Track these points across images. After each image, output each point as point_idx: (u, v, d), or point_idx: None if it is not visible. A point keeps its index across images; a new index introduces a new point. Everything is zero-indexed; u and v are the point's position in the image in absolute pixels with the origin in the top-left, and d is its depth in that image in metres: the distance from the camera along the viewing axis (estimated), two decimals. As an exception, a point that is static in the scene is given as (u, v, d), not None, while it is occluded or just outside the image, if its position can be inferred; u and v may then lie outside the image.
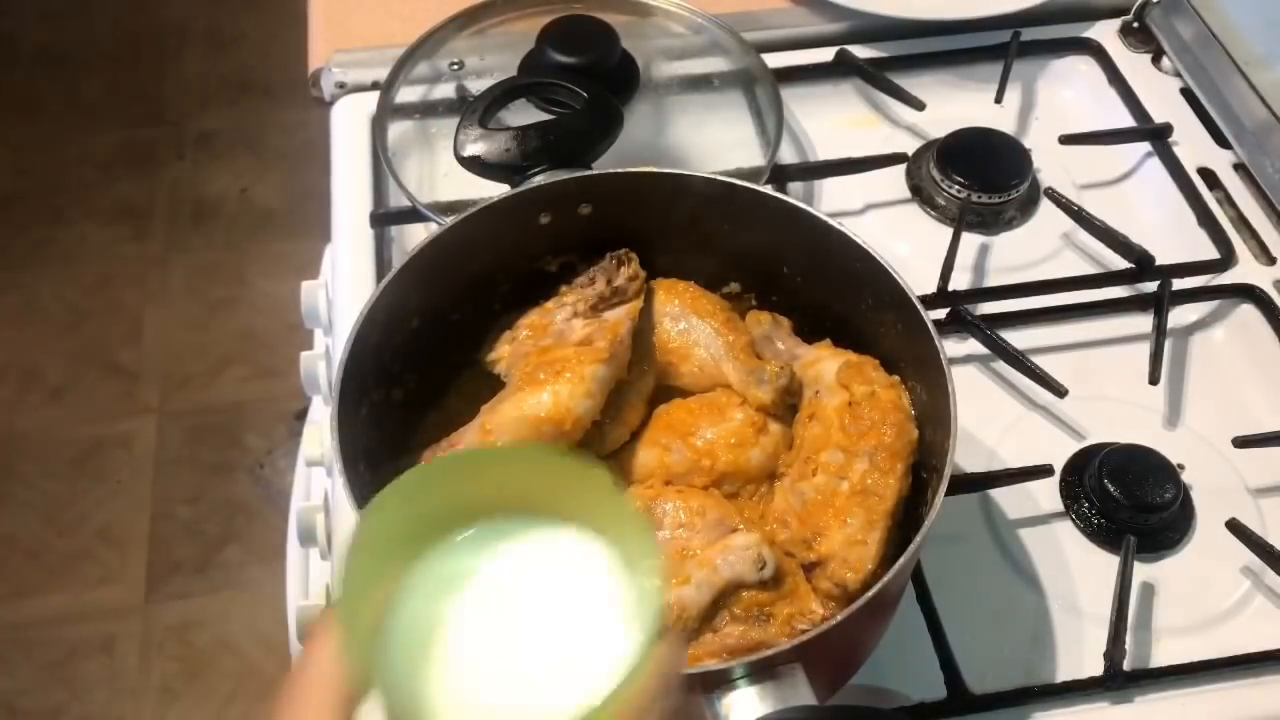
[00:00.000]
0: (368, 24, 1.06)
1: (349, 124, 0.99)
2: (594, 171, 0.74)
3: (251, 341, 2.08)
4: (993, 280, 0.90)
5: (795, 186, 0.95)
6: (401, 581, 0.43)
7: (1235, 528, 0.76)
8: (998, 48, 1.04)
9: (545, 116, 0.80)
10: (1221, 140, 0.99)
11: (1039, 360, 0.82)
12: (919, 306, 0.64)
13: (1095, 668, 0.70)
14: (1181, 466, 0.79)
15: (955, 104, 1.01)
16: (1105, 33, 1.07)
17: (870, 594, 0.56)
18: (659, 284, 0.72)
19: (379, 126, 0.90)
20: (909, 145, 0.98)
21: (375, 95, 0.93)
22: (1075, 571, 0.75)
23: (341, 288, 0.88)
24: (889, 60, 1.04)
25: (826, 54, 1.03)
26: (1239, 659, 0.71)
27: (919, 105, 0.98)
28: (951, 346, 0.84)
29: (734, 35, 0.97)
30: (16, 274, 2.17)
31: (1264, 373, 0.86)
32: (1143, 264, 0.88)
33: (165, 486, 1.91)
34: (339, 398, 0.60)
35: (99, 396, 2.01)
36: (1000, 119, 1.01)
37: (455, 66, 0.97)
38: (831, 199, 0.95)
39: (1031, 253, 0.93)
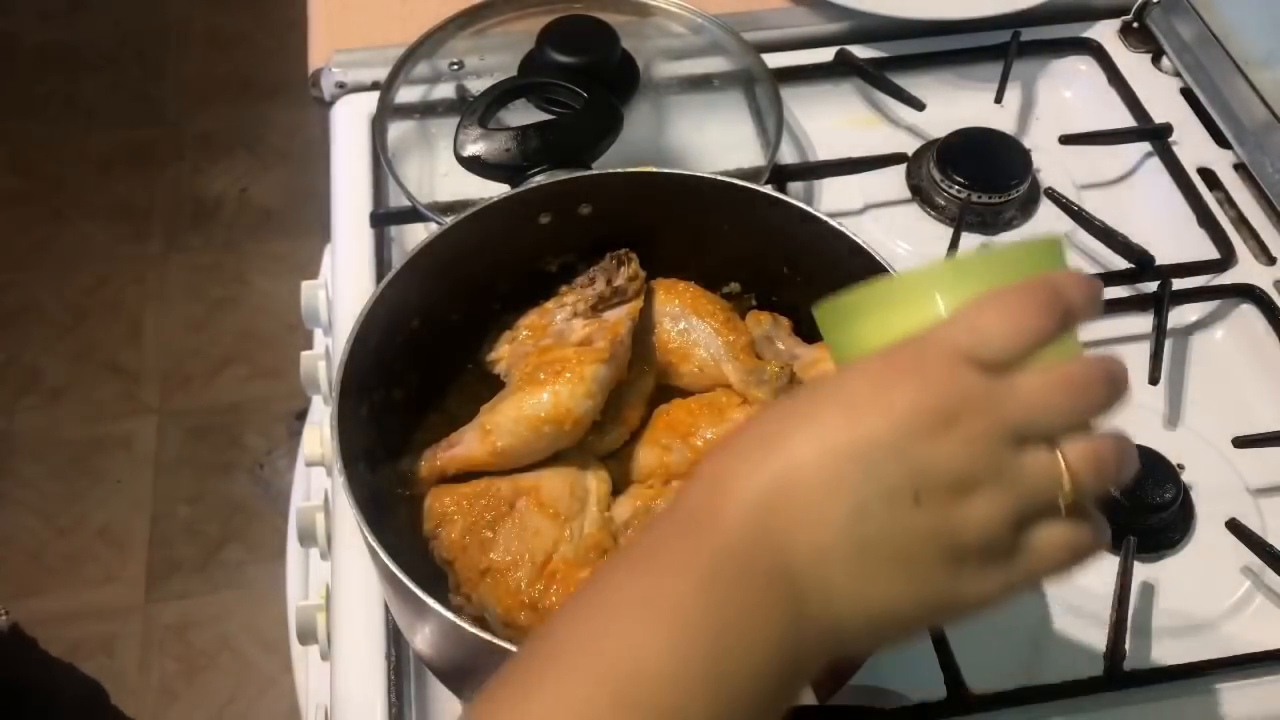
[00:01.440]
0: (368, 24, 1.06)
1: (349, 124, 0.99)
2: (594, 171, 0.74)
3: (251, 341, 2.08)
4: (993, 280, 0.90)
5: (795, 186, 0.95)
6: None
7: (1235, 528, 0.76)
8: (998, 48, 1.04)
9: (545, 116, 0.80)
10: (1221, 140, 0.99)
11: (1039, 360, 0.81)
12: (919, 306, 0.64)
13: (1095, 668, 0.70)
14: (1181, 466, 0.79)
15: (955, 104, 1.01)
16: (1105, 33, 1.07)
17: (870, 594, 0.56)
18: (659, 284, 0.72)
19: (379, 126, 0.90)
20: (909, 145, 0.98)
21: (375, 95, 0.93)
22: (1075, 571, 0.75)
23: (341, 288, 0.88)
24: (889, 60, 1.03)
25: (826, 54, 1.03)
26: (1239, 659, 0.71)
27: (919, 105, 0.98)
28: (951, 346, 0.84)
29: (734, 35, 0.97)
30: (16, 274, 2.18)
31: (1264, 373, 0.86)
32: (1143, 264, 0.88)
33: (165, 486, 1.91)
34: (339, 398, 0.60)
35: (99, 396, 2.01)
36: (1000, 119, 1.01)
37: (455, 66, 0.97)
38: (831, 199, 0.95)
39: (1031, 253, 0.93)
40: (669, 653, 0.37)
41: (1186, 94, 1.03)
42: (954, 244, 0.88)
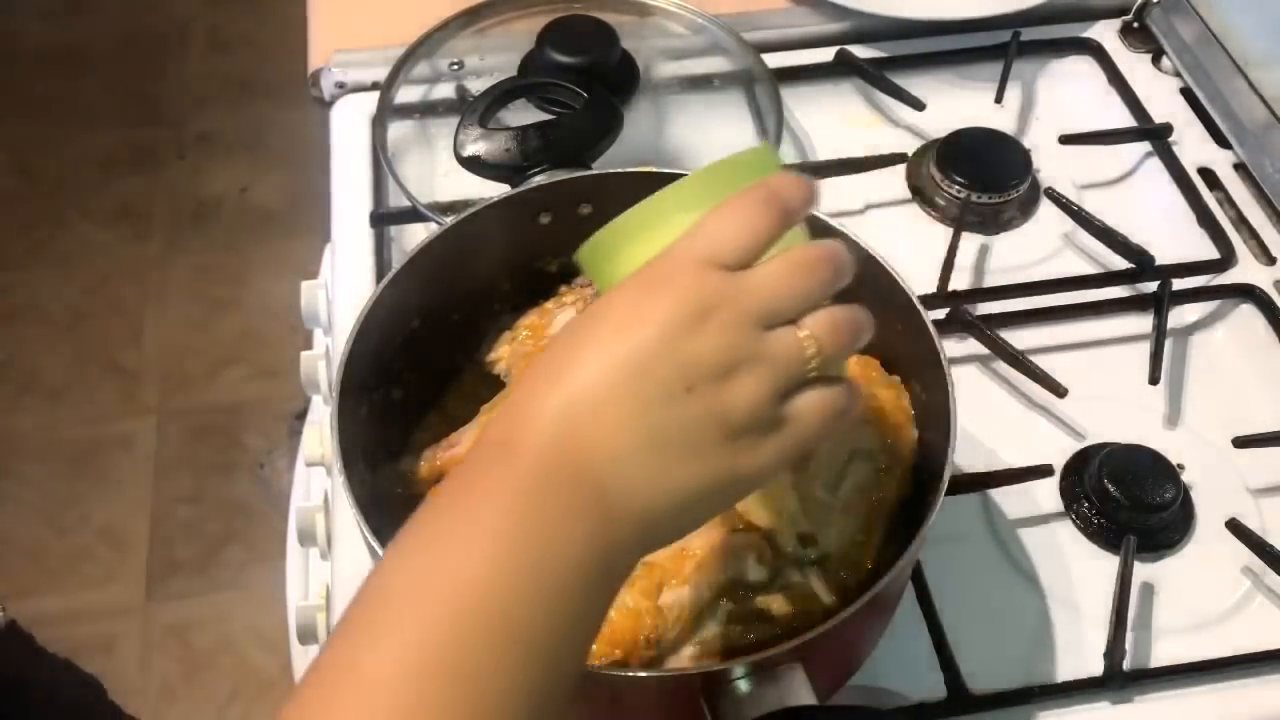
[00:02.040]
0: (368, 24, 1.06)
1: (349, 124, 0.99)
2: (594, 171, 0.74)
3: (251, 341, 2.08)
4: (993, 280, 0.90)
5: (795, 186, 0.95)
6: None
7: (1235, 528, 0.76)
8: (998, 48, 1.04)
9: (545, 116, 0.80)
10: (1221, 140, 0.99)
11: (1039, 360, 0.82)
12: (919, 306, 0.64)
13: (1095, 668, 0.70)
14: (1181, 466, 0.79)
15: (955, 104, 1.01)
16: (1105, 33, 1.07)
17: (870, 594, 0.56)
18: (659, 284, 0.72)
19: (379, 126, 0.90)
20: (909, 145, 0.98)
21: (375, 95, 0.93)
22: (1075, 571, 0.75)
23: (341, 288, 0.88)
24: (889, 60, 1.04)
25: (826, 54, 1.03)
26: (1239, 659, 0.71)
27: (919, 105, 0.98)
28: (951, 346, 0.84)
29: (734, 35, 0.97)
30: (16, 274, 2.17)
31: (1264, 373, 0.86)
32: (1143, 264, 0.88)
33: (165, 486, 1.91)
34: (339, 397, 0.60)
35: (99, 396, 2.01)
36: (1000, 119, 1.01)
37: (455, 66, 0.97)
38: (831, 199, 0.95)
39: (1031, 253, 0.93)
40: (492, 565, 0.41)
41: (1186, 94, 1.03)
42: (954, 244, 0.88)
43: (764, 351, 0.45)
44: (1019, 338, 0.84)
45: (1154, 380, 0.82)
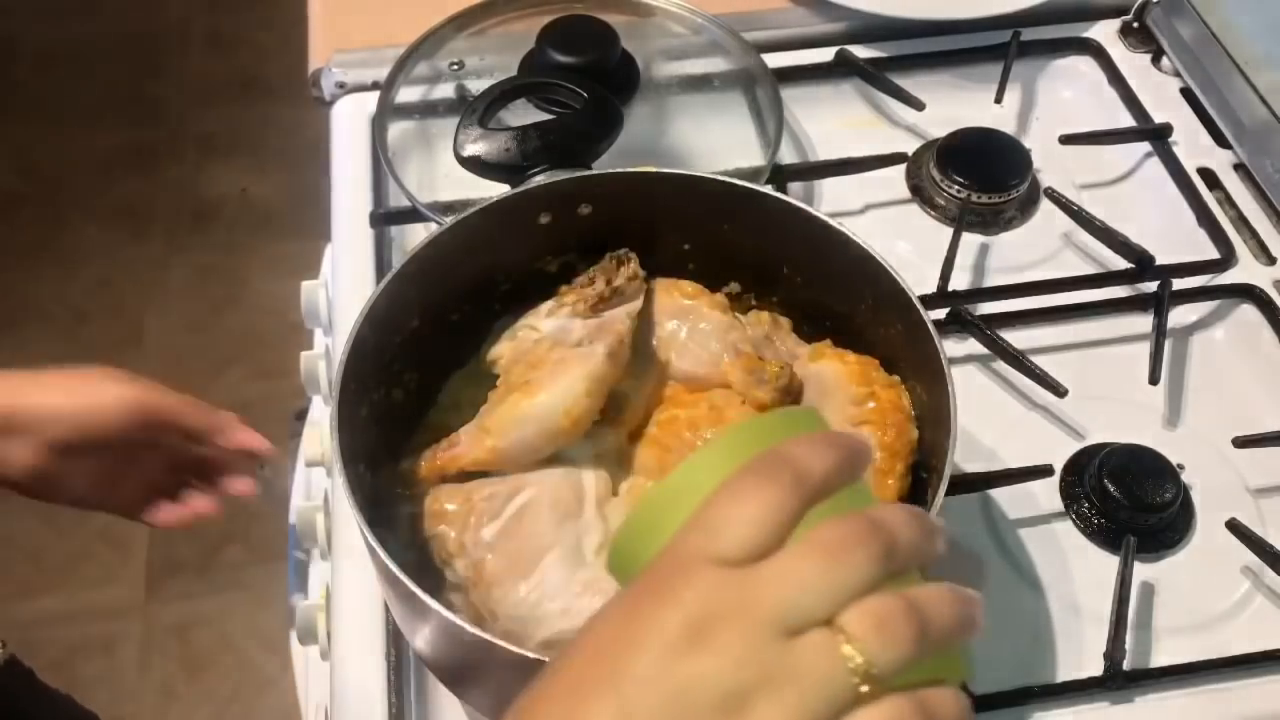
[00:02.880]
0: (368, 24, 1.06)
1: (349, 124, 0.99)
2: (594, 171, 0.74)
3: (252, 341, 2.08)
4: (993, 280, 0.90)
5: (795, 186, 0.95)
6: None
7: (1235, 528, 0.76)
8: (998, 48, 1.04)
9: (545, 116, 0.80)
10: (1221, 140, 0.99)
11: (1039, 360, 0.82)
12: (919, 306, 0.64)
13: (1095, 668, 0.70)
14: (1181, 466, 0.79)
15: (955, 104, 1.01)
16: (1105, 33, 1.07)
17: (870, 594, 0.56)
18: (659, 284, 0.72)
19: (379, 126, 0.90)
20: (909, 145, 0.98)
21: (375, 95, 0.93)
22: (1075, 571, 0.75)
23: (341, 288, 0.88)
24: (889, 60, 1.03)
25: (826, 54, 1.03)
26: (1239, 659, 0.71)
27: (919, 105, 0.98)
28: (951, 346, 0.84)
29: (734, 35, 0.97)
30: (17, 275, 2.17)
31: (1264, 373, 0.86)
32: (1143, 264, 0.88)
33: (165, 487, 1.91)
34: (339, 398, 0.60)
35: (99, 397, 2.01)
36: (1000, 119, 1.01)
37: (455, 66, 0.97)
38: (831, 199, 0.95)
39: (1031, 253, 0.93)
40: None
41: (1186, 94, 1.03)
42: (954, 244, 0.88)
43: (786, 671, 0.35)
44: (1019, 338, 0.84)
45: (1154, 380, 0.82)
